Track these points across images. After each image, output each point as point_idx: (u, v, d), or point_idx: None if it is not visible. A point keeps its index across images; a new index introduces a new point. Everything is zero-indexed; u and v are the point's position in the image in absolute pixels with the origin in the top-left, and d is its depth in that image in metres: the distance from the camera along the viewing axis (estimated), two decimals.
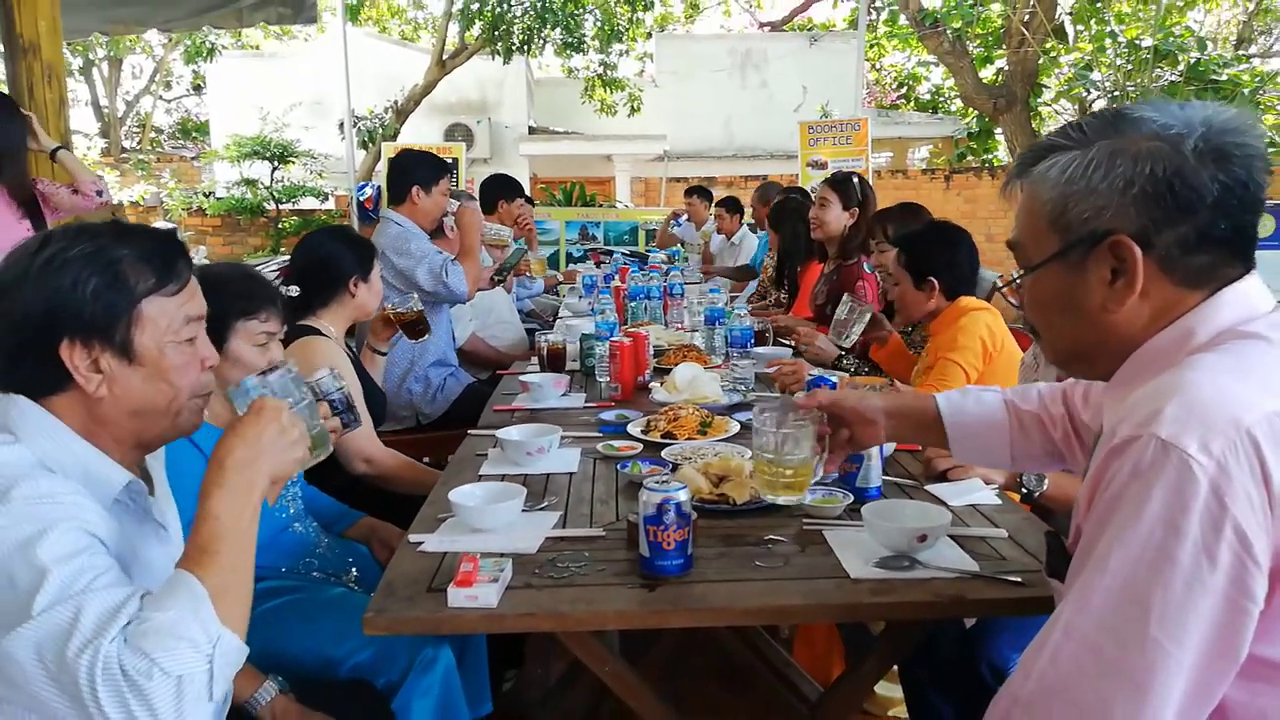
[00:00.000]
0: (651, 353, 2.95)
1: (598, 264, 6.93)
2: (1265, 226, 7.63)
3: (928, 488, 1.88)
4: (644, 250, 8.10)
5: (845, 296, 3.05)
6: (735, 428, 2.29)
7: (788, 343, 3.46)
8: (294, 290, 2.62)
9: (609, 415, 2.47)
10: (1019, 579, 1.43)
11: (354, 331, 3.02)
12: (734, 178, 12.84)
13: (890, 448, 1.84)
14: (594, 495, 1.89)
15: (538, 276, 5.81)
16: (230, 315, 1.95)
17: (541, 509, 1.81)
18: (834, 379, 2.31)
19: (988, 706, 1.04)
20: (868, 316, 2.99)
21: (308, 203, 11.74)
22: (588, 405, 2.67)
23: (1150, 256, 1.02)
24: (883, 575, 1.47)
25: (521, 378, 2.78)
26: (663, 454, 2.07)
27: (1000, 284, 1.20)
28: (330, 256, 2.64)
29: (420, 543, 1.64)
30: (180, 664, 1.02)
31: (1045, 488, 1.87)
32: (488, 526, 1.67)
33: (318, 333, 2.57)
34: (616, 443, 2.21)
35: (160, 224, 10.31)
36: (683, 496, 1.46)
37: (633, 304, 3.98)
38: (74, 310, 1.15)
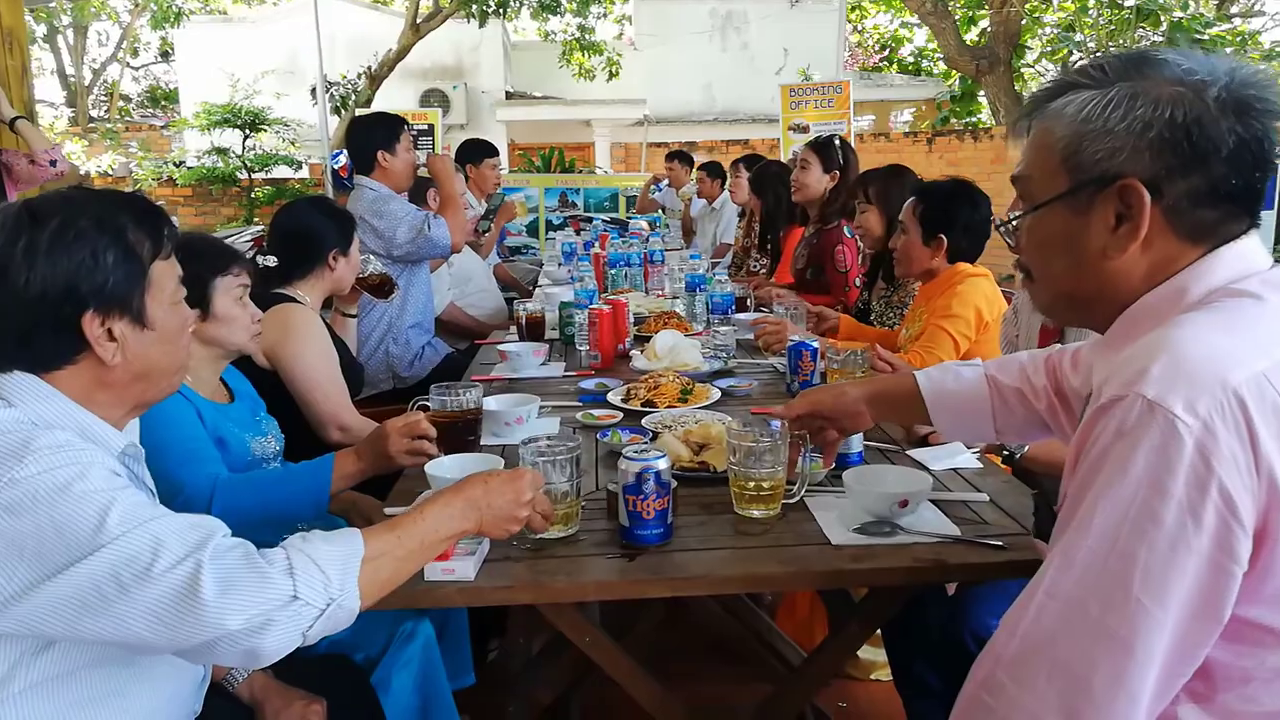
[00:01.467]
0: (632, 320, 2.92)
1: (577, 231, 6.87)
2: None
3: (909, 452, 1.87)
4: (624, 217, 8.03)
5: (777, 304, 2.99)
6: (716, 395, 2.26)
7: (768, 311, 3.44)
8: (271, 260, 2.57)
9: (589, 384, 2.44)
10: (1000, 543, 1.42)
11: (330, 304, 2.97)
12: (715, 142, 12.74)
13: None
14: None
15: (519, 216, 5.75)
16: (207, 275, 1.92)
17: None
18: (814, 343, 2.29)
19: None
20: (803, 312, 2.94)
21: (281, 171, 11.56)
22: (567, 374, 2.65)
23: (1158, 205, 0.99)
24: (864, 541, 1.45)
25: (500, 347, 2.74)
26: (643, 422, 2.05)
27: (999, 221, 1.17)
28: (311, 228, 2.59)
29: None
30: (307, 587, 1.06)
31: (1026, 449, 1.86)
32: None
33: (294, 301, 2.52)
34: (596, 411, 2.18)
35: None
36: (662, 465, 1.44)
37: (612, 271, 3.94)
38: (99, 282, 1.16)
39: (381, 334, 3.55)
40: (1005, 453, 1.87)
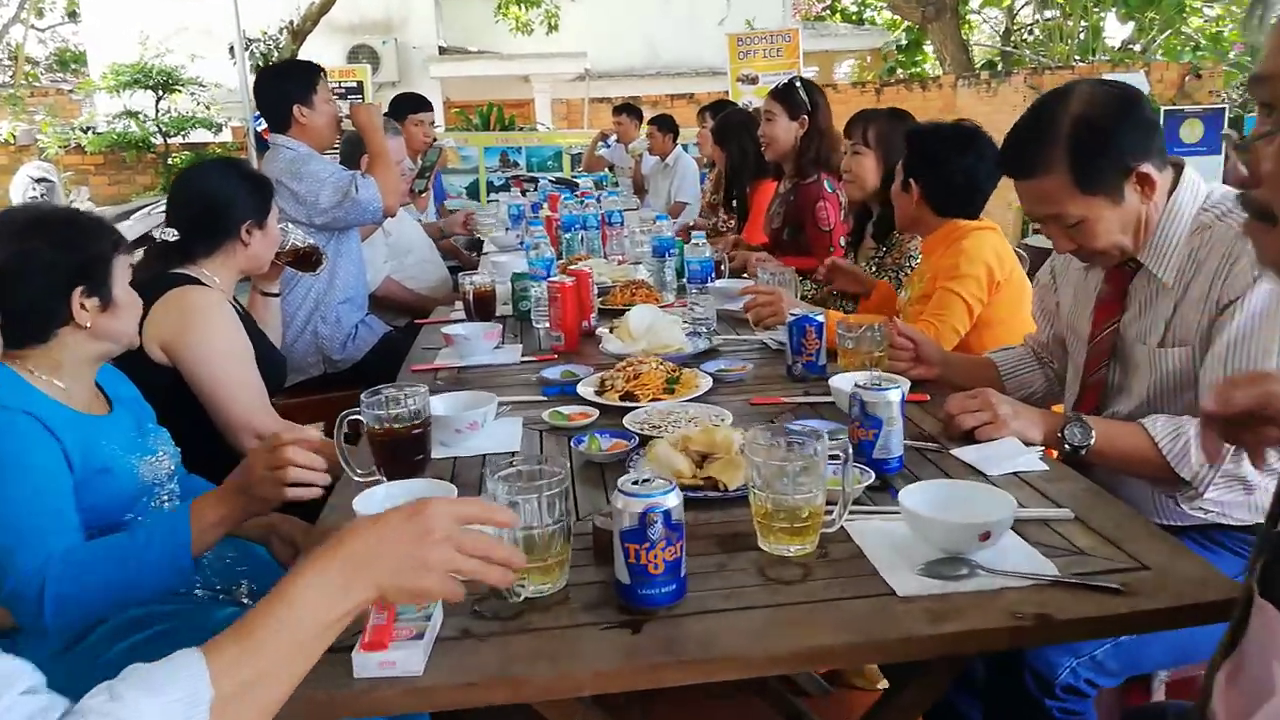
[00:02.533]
0: (595, 293, 2.54)
1: (522, 192, 6.41)
2: (1193, 132, 7.46)
3: (955, 453, 1.54)
4: (570, 176, 7.58)
5: (761, 271, 2.61)
6: (707, 382, 1.90)
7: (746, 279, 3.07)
8: (170, 234, 2.13)
9: (552, 372, 2.06)
10: (1117, 585, 1.09)
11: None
12: (660, 96, 12.25)
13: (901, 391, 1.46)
14: None
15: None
16: (108, 252, 1.57)
17: None
18: (819, 317, 1.94)
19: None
20: (792, 279, 2.57)
21: (199, 135, 10.80)
22: (526, 360, 2.26)
23: None
24: (938, 589, 1.11)
25: (445, 329, 2.34)
26: (625, 422, 1.68)
27: (1241, 139, 0.82)
28: (218, 196, 2.14)
29: None
30: None
31: (1093, 442, 1.54)
32: None
33: (197, 282, 2.09)
34: (565, 409, 1.81)
35: (35, 164, 9.37)
36: (673, 502, 1.08)
37: (567, 235, 3.55)
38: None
39: (309, 312, 3.12)
40: (1067, 447, 1.55)
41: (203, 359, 2.00)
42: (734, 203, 4.21)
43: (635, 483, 1.10)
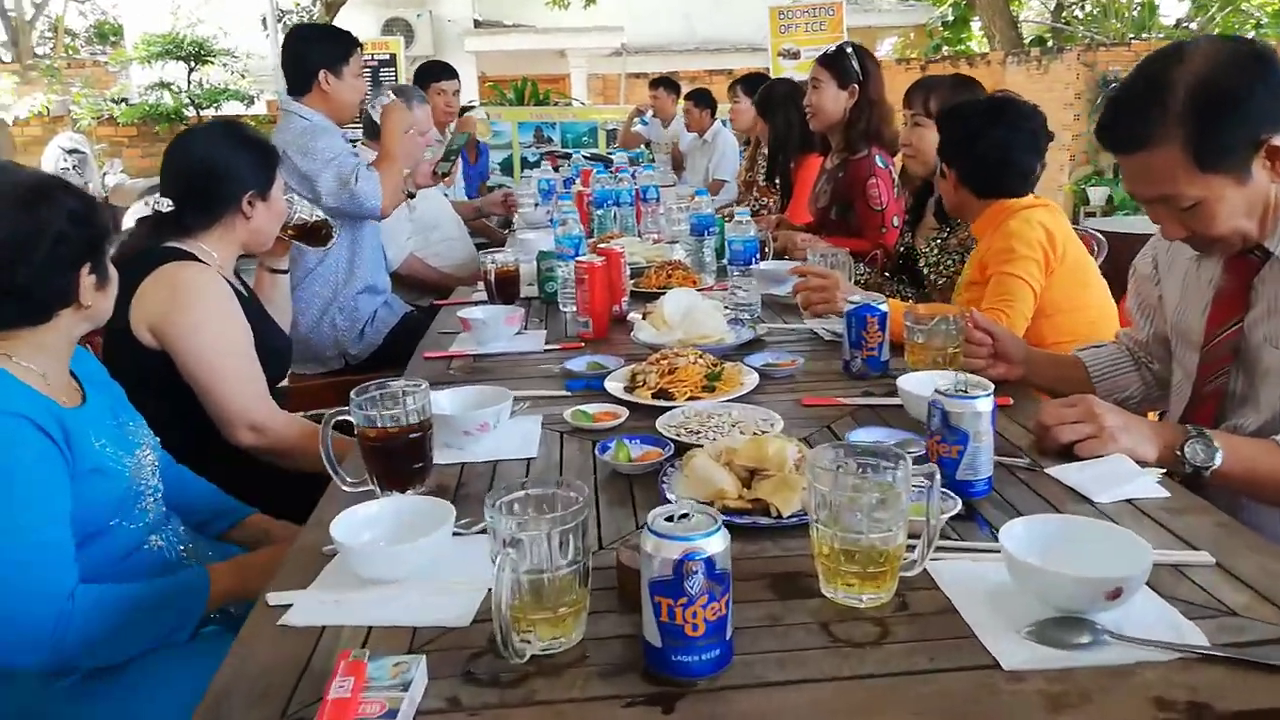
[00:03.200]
0: (628, 273, 2.31)
1: (555, 168, 6.18)
2: None
3: (1051, 472, 1.29)
4: (605, 152, 7.32)
5: (811, 253, 2.35)
6: (753, 379, 1.66)
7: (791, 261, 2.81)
8: (165, 204, 1.92)
9: (578, 364, 1.84)
10: None
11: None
12: (698, 72, 11.92)
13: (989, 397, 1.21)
14: None
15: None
16: (109, 234, 1.44)
17: (482, 532, 1.18)
18: (883, 306, 1.69)
19: None
20: (846, 261, 2.31)
21: (232, 108, 10.66)
22: (549, 349, 2.03)
23: None
24: (1056, 662, 0.87)
25: (461, 313, 2.12)
26: (658, 426, 1.45)
27: None
28: (217, 163, 1.92)
29: (285, 607, 1.02)
30: None
31: (1218, 463, 1.28)
32: (391, 576, 1.05)
33: (193, 258, 1.88)
34: (590, 408, 1.58)
35: (68, 135, 9.29)
36: (718, 546, 0.85)
37: (599, 212, 3.31)
38: None
39: (324, 304, 2.93)
40: (1187, 468, 1.29)
41: (195, 343, 1.79)
42: (777, 180, 3.94)
43: (670, 519, 0.87)
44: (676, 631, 0.84)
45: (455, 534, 1.12)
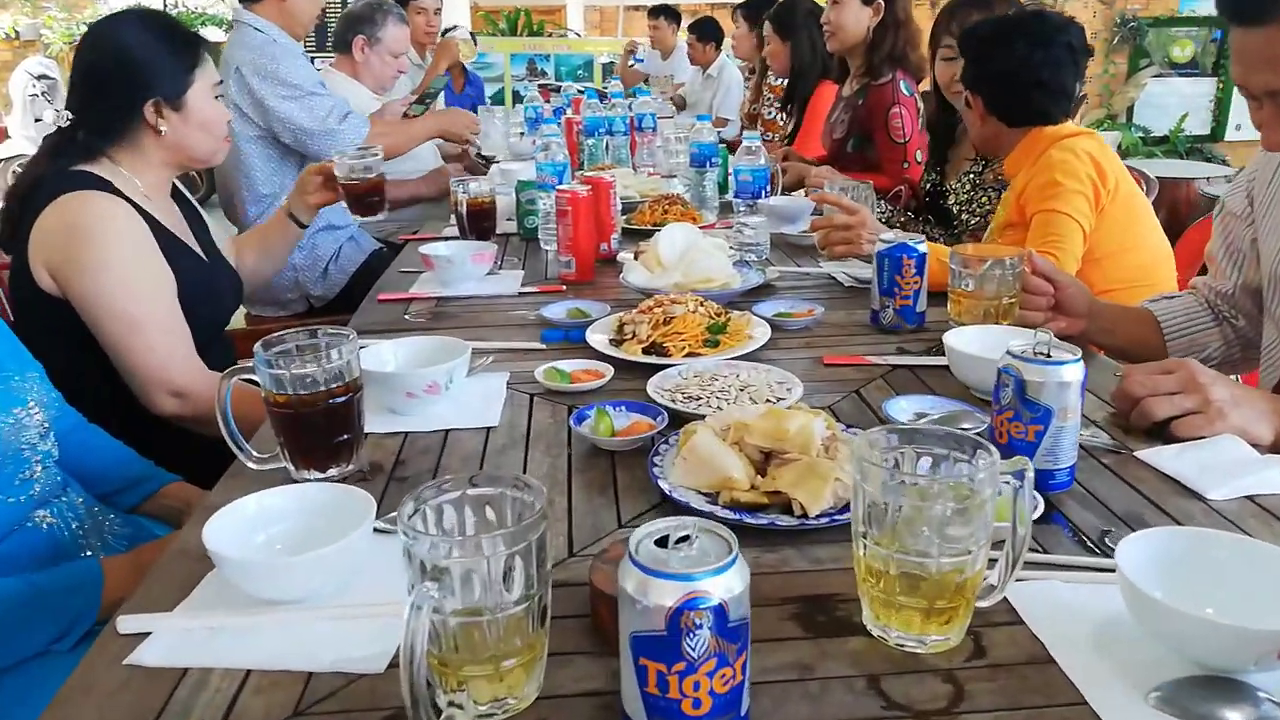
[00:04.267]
0: (619, 208, 2.01)
1: (547, 100, 5.81)
2: None
3: (1142, 456, 1.02)
4: (601, 87, 6.94)
5: (829, 185, 2.04)
6: (763, 333, 1.39)
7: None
8: (65, 117, 1.61)
9: (555, 310, 1.55)
10: None
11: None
12: (699, 5, 11.42)
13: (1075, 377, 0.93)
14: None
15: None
16: None
17: None
18: (921, 247, 1.41)
19: None
20: (868, 196, 2.01)
21: (212, 34, 10.15)
22: (525, 292, 1.75)
23: None
24: None
25: (424, 249, 1.83)
26: (649, 389, 1.18)
27: None
28: (116, 61, 1.57)
29: (142, 636, 0.76)
30: None
31: None
32: (285, 596, 0.78)
33: (104, 186, 1.56)
34: (567, 364, 1.30)
35: (37, 60, 8.83)
36: (733, 587, 0.57)
37: (590, 141, 2.99)
38: None
39: None
40: None
41: (96, 290, 1.48)
42: (791, 109, 3.61)
43: (662, 541, 0.60)
44: (670, 709, 0.58)
45: (379, 531, 0.86)
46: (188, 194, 1.81)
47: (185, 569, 0.84)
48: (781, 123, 3.91)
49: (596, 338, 1.38)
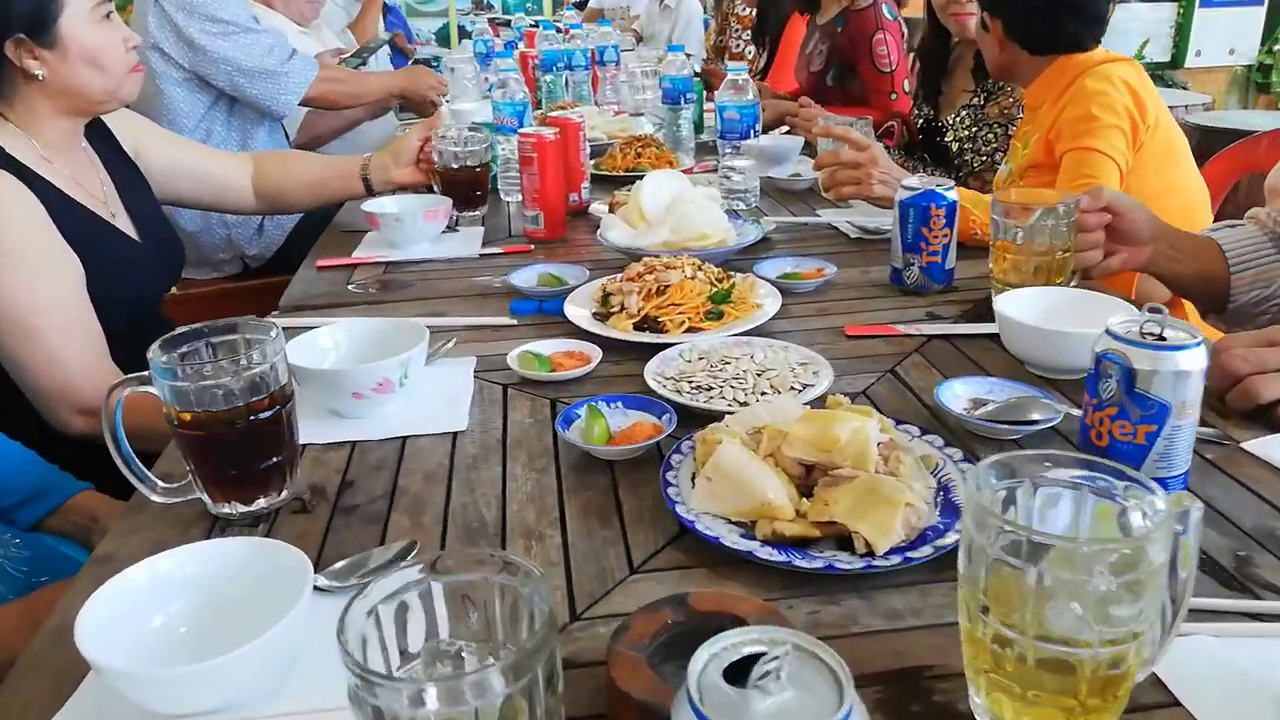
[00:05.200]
0: (588, 153, 1.78)
1: (496, 35, 5.46)
2: None
3: (1251, 449, 0.85)
4: (553, 19, 6.57)
5: (823, 121, 1.82)
6: (773, 300, 1.18)
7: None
8: None
9: (525, 277, 1.34)
10: None
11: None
12: None
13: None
14: (507, 514, 0.80)
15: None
16: None
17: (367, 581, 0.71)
18: (951, 194, 1.22)
19: None
20: (868, 132, 1.80)
21: None
22: (487, 253, 1.53)
23: None
24: None
25: (366, 205, 1.59)
26: (648, 378, 0.97)
27: None
28: None
29: None
30: None
31: None
32: (194, 711, 0.57)
33: None
34: (545, 346, 1.09)
35: None
36: None
37: (548, 78, 2.73)
38: None
39: None
40: None
41: None
42: (763, 39, 3.36)
43: (734, 670, 0.40)
44: None
45: (319, 590, 0.65)
46: (123, 144, 1.53)
47: (66, 656, 0.63)
48: (750, 56, 3.66)
49: (577, 311, 1.17)
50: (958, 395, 0.92)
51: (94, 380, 1.27)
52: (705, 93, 2.53)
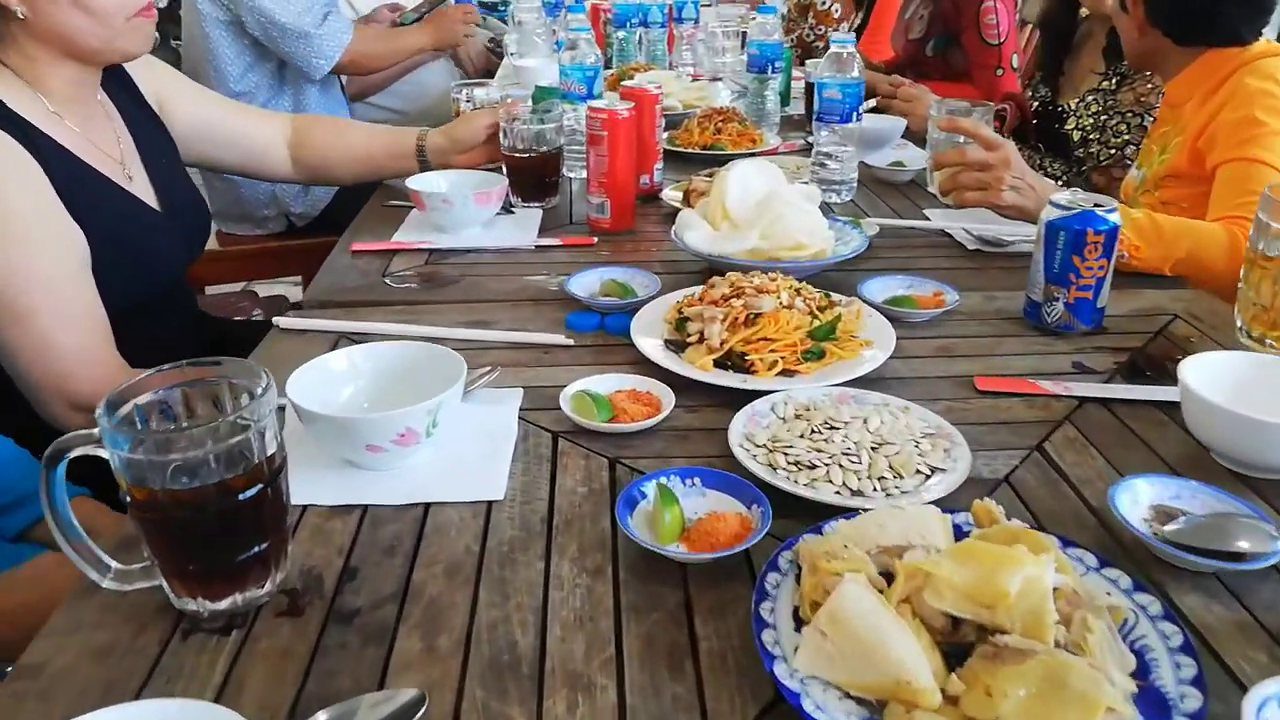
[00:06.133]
0: (662, 126, 1.57)
1: None
2: None
3: None
4: None
5: (936, 107, 1.54)
6: (887, 337, 0.97)
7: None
8: None
9: (586, 281, 1.14)
10: None
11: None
12: None
13: None
14: (547, 641, 0.62)
15: None
16: None
17: None
18: (1114, 216, 1.00)
19: None
20: (987, 120, 1.54)
21: None
22: (544, 244, 1.33)
23: None
24: None
25: (411, 181, 1.40)
26: (733, 443, 0.78)
27: None
28: None
29: None
30: None
31: None
32: None
33: None
34: (603, 384, 0.89)
35: None
36: None
37: (620, 35, 2.51)
38: None
39: None
40: None
41: None
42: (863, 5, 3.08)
43: None
44: None
45: None
46: (146, 96, 1.36)
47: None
48: (836, 14, 3.38)
49: (646, 341, 0.97)
50: (1137, 503, 0.71)
51: (91, 371, 1.12)
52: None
